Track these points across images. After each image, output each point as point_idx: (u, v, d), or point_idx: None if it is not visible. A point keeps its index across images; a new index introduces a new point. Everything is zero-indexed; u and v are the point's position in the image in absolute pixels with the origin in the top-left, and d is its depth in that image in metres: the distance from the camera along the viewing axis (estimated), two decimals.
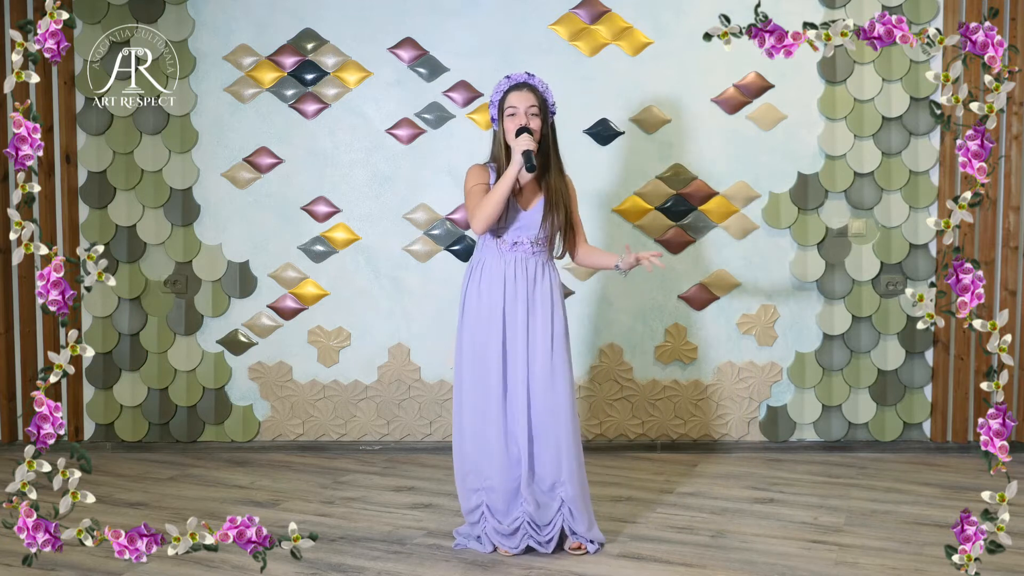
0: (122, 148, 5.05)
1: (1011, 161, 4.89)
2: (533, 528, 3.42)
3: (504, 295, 3.44)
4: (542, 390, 3.41)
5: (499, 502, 3.43)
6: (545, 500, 3.44)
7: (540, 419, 3.41)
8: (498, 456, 3.42)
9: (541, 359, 3.41)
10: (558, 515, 3.43)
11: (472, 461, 3.46)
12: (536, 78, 3.51)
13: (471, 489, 3.48)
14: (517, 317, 3.43)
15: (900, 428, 5.03)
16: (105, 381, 5.12)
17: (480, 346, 3.45)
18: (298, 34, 5.02)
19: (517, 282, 3.44)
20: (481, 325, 3.45)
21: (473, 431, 3.46)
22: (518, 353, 3.42)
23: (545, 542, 3.43)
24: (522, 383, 3.41)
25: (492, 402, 3.42)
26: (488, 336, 3.43)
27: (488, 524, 3.45)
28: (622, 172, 4.99)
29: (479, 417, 3.44)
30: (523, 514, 3.41)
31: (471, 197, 3.45)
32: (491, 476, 3.43)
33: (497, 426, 3.42)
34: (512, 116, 3.42)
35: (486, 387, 3.43)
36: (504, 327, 3.43)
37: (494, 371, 3.42)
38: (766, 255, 5.00)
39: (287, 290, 5.10)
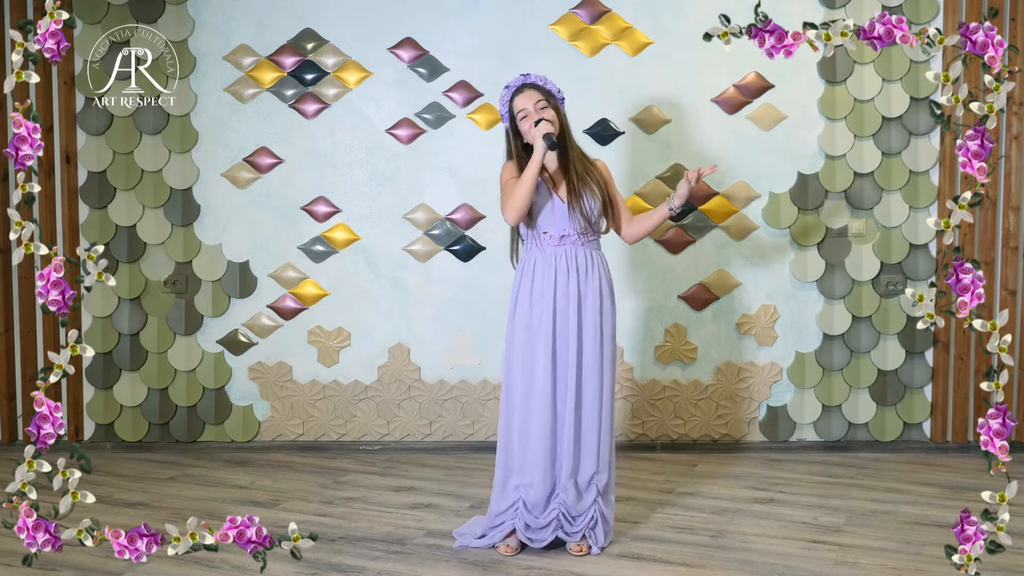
0: (122, 148, 5.05)
1: (1011, 161, 4.89)
2: (567, 520, 3.46)
3: (555, 292, 3.46)
4: (591, 385, 3.46)
5: (538, 498, 3.45)
6: (582, 492, 3.49)
7: (587, 415, 3.47)
8: (542, 454, 3.44)
9: (592, 354, 3.46)
10: (593, 505, 3.48)
11: (519, 460, 3.49)
12: (532, 75, 3.55)
13: (512, 487, 3.50)
14: (569, 314, 3.45)
15: (900, 428, 5.03)
16: (105, 381, 5.12)
17: (532, 346, 3.47)
18: (298, 34, 5.02)
19: (570, 275, 3.47)
20: (533, 325, 3.47)
21: (521, 429, 3.48)
22: (569, 350, 3.45)
23: (574, 532, 3.47)
24: (573, 379, 3.44)
25: (539, 399, 3.45)
26: (539, 335, 3.46)
27: (520, 519, 3.46)
28: (622, 172, 4.99)
29: (527, 415, 3.47)
30: (559, 505, 3.45)
31: (503, 192, 3.49)
32: (533, 473, 3.45)
33: (543, 424, 3.44)
34: (524, 118, 3.47)
35: (534, 385, 3.46)
36: (554, 324, 3.46)
37: (542, 369, 3.45)
38: (766, 255, 5.00)
39: (287, 290, 5.10)
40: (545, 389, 3.44)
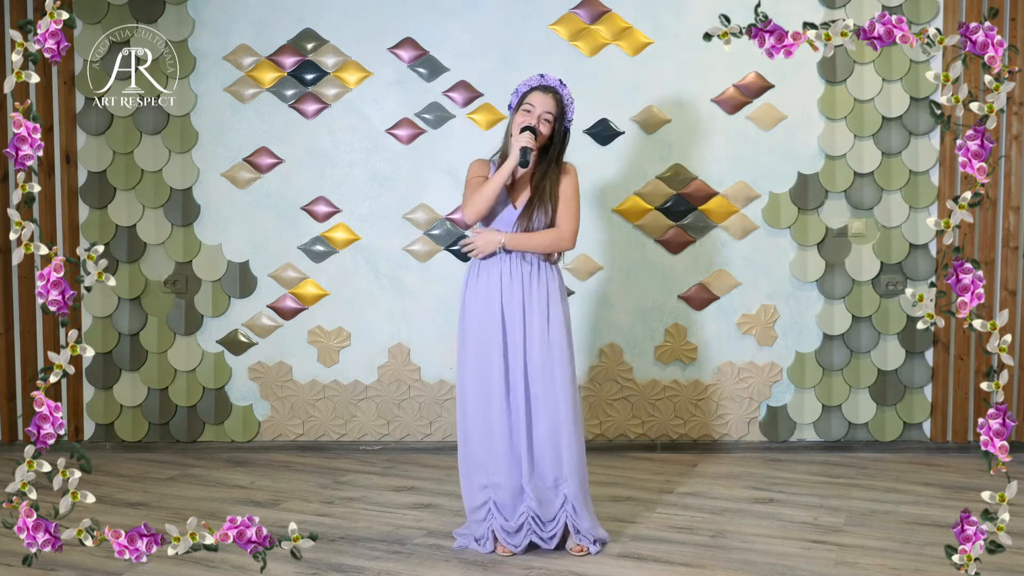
0: (122, 148, 5.05)
1: (1011, 161, 4.89)
2: (537, 524, 3.43)
3: (501, 293, 3.45)
4: (540, 386, 3.42)
5: (506, 498, 3.44)
6: (548, 496, 3.44)
7: (539, 415, 3.42)
8: (503, 453, 3.42)
9: (538, 354, 3.42)
10: (561, 511, 3.44)
11: (477, 459, 3.47)
12: (567, 89, 3.52)
13: (478, 487, 3.48)
14: (515, 314, 3.44)
15: (900, 428, 5.03)
16: (105, 381, 5.12)
17: (482, 345, 3.46)
18: (298, 34, 5.02)
19: (512, 279, 3.45)
20: (482, 324, 3.46)
21: (477, 429, 3.46)
22: (517, 349, 3.43)
23: (548, 538, 3.44)
24: (521, 379, 3.42)
25: (494, 400, 3.43)
26: (489, 334, 3.45)
27: (495, 521, 3.45)
28: (622, 172, 4.99)
29: (482, 415, 3.45)
30: (527, 509, 3.42)
31: (467, 188, 3.48)
32: (497, 473, 3.43)
33: (501, 423, 3.42)
34: (527, 112, 3.44)
35: (488, 385, 3.44)
36: (504, 324, 3.44)
37: (496, 369, 3.43)
38: (766, 255, 5.00)
39: (287, 290, 5.10)
40: (500, 390, 3.42)
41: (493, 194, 3.39)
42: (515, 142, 3.37)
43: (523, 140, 3.36)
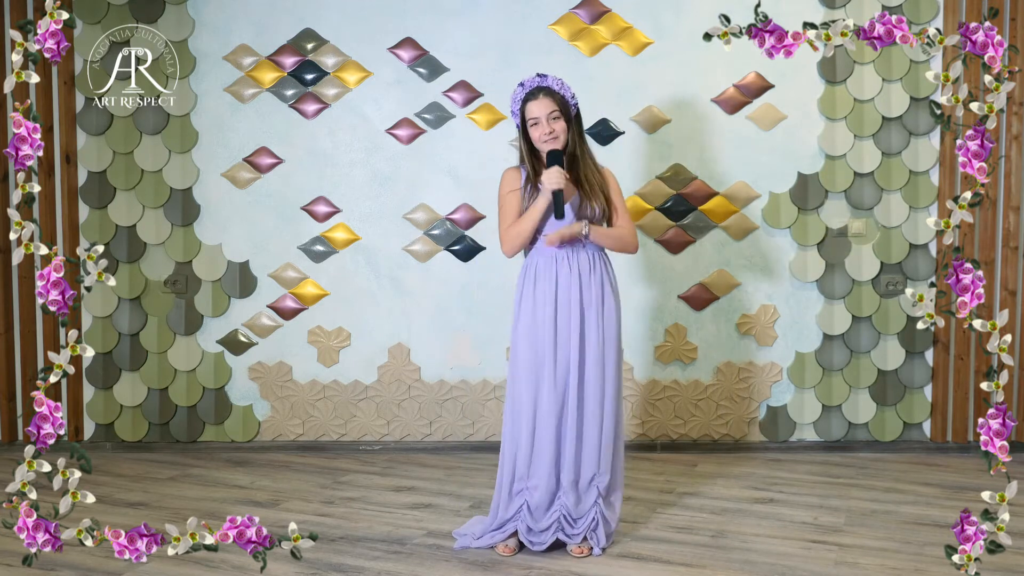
0: (122, 148, 5.05)
1: (1011, 161, 4.89)
2: (568, 522, 3.45)
3: (556, 294, 3.44)
4: (592, 388, 3.44)
5: (540, 501, 3.44)
6: (583, 497, 3.47)
7: (589, 417, 3.44)
8: (549, 458, 3.43)
9: (592, 358, 3.43)
10: (594, 507, 3.46)
11: (524, 466, 3.47)
12: (549, 77, 3.49)
13: (516, 492, 3.48)
14: (571, 316, 3.43)
15: (900, 428, 5.03)
16: (105, 381, 5.12)
17: (536, 351, 3.45)
18: (298, 34, 5.02)
19: (571, 277, 3.44)
20: (537, 330, 3.45)
21: (526, 433, 3.46)
22: (572, 354, 3.43)
23: (575, 534, 3.45)
24: (575, 384, 3.43)
25: (546, 406, 3.43)
26: (544, 339, 3.44)
27: (523, 522, 3.46)
28: (622, 172, 4.98)
29: (531, 419, 3.45)
30: (560, 507, 3.44)
31: (502, 208, 3.48)
32: (538, 477, 3.44)
33: (549, 428, 3.43)
34: (535, 126, 3.43)
35: (540, 390, 3.44)
36: (556, 328, 3.44)
37: (548, 374, 3.43)
38: (766, 255, 5.00)
39: (287, 290, 5.10)
40: (552, 395, 3.43)
41: (530, 231, 3.42)
42: (545, 183, 3.37)
43: (552, 181, 3.35)
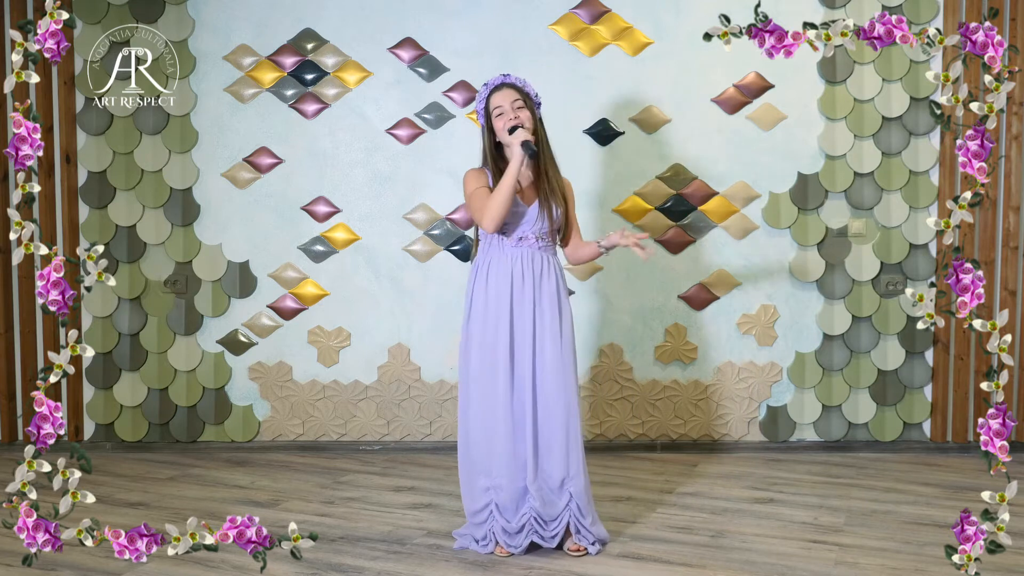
0: (122, 148, 5.05)
1: (1011, 161, 4.89)
2: (539, 524, 3.43)
3: (511, 292, 3.44)
4: (552, 387, 3.42)
5: (508, 500, 3.43)
6: (552, 497, 3.44)
7: (549, 416, 3.42)
8: (506, 455, 3.42)
9: (551, 356, 3.42)
10: (566, 511, 3.44)
11: (481, 461, 3.46)
12: (511, 76, 3.52)
13: (480, 489, 3.47)
14: (524, 314, 3.43)
15: (900, 428, 5.03)
16: (105, 381, 5.12)
17: (488, 346, 3.44)
18: (298, 34, 5.02)
19: (524, 278, 3.44)
20: (489, 325, 3.44)
21: (481, 431, 3.45)
22: (525, 351, 3.42)
23: (550, 537, 3.44)
24: (529, 381, 3.42)
25: (499, 401, 3.42)
26: (496, 335, 3.43)
27: (496, 523, 3.45)
28: (622, 172, 4.99)
29: (487, 417, 3.44)
30: (529, 510, 3.42)
31: (475, 199, 3.46)
32: (500, 475, 3.43)
33: (505, 425, 3.42)
34: (500, 115, 3.44)
35: (494, 386, 3.43)
36: (512, 325, 3.43)
37: (501, 370, 3.42)
38: (766, 255, 5.00)
39: (287, 290, 5.10)
40: (506, 391, 3.41)
41: (508, 197, 3.37)
42: (513, 141, 3.37)
43: (518, 137, 3.36)
